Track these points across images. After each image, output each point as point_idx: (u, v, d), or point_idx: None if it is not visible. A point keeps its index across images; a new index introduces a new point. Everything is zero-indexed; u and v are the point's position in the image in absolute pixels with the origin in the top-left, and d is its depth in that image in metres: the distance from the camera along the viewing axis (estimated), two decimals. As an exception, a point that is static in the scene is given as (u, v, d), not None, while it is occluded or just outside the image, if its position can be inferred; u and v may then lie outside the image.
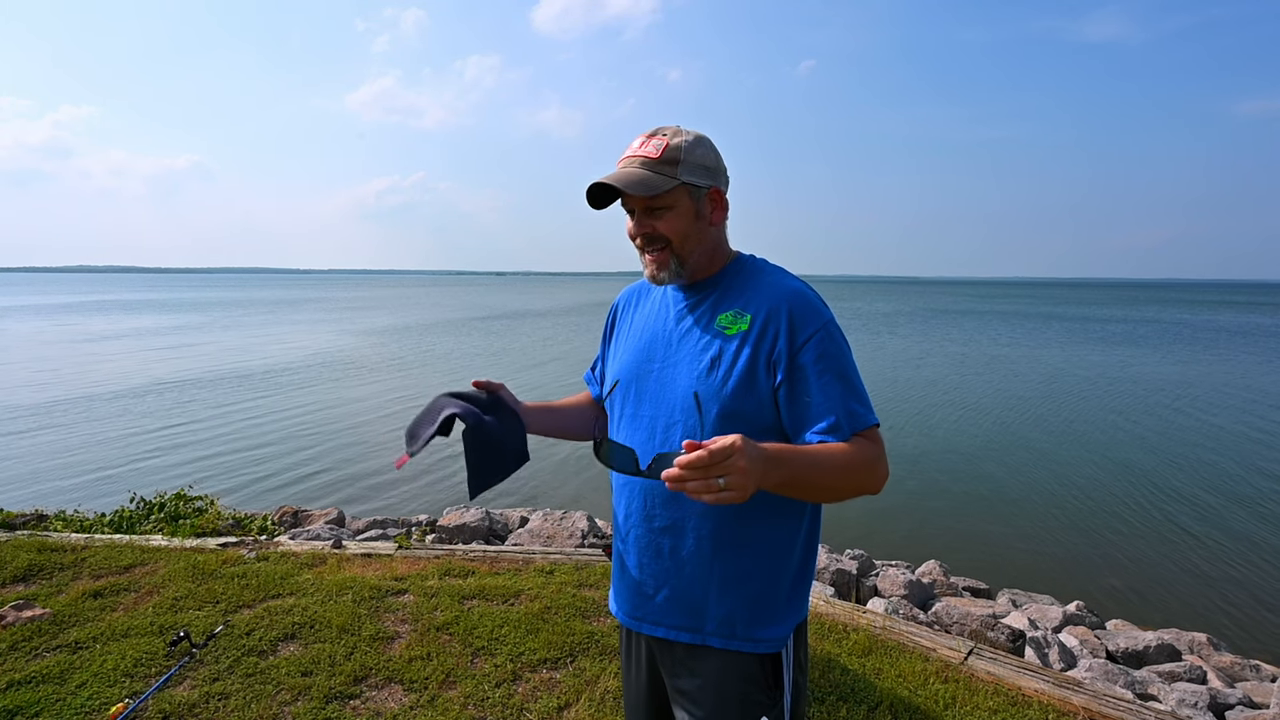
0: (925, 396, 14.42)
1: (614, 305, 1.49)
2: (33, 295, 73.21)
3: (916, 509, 7.76)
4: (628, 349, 1.36)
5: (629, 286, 1.49)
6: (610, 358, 1.44)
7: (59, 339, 26.22)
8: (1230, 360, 21.72)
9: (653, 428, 1.26)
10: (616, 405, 1.35)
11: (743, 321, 1.22)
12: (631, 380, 1.32)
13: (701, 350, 1.24)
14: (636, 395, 1.30)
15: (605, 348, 1.48)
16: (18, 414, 12.01)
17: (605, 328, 1.49)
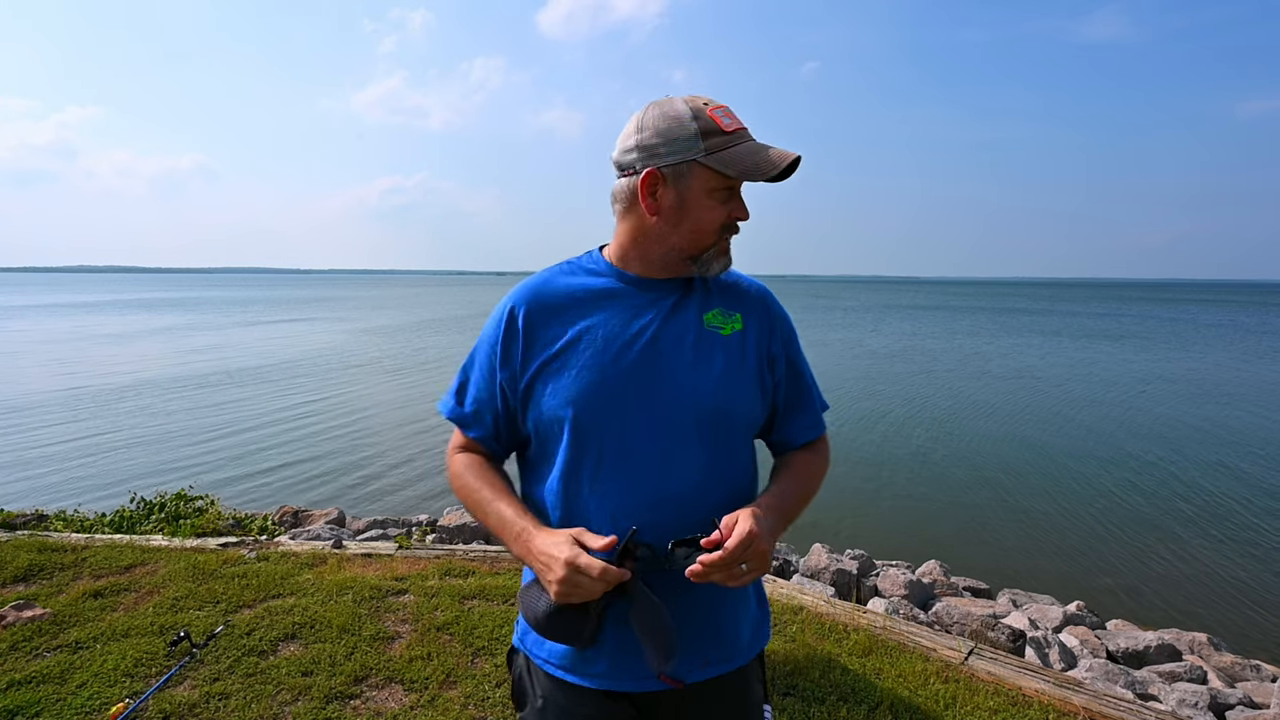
0: (925, 396, 14.42)
1: (510, 309, 1.08)
2: (34, 295, 73.22)
3: (917, 509, 7.76)
4: (590, 366, 1.04)
5: (526, 286, 1.10)
6: (539, 380, 1.06)
7: (61, 339, 26.22)
8: (1232, 358, 21.72)
9: (656, 463, 1.04)
10: (572, 446, 1.04)
11: (735, 321, 1.13)
12: (609, 408, 1.04)
13: (709, 356, 1.09)
14: (621, 429, 1.04)
15: (507, 367, 1.07)
16: (18, 414, 12.01)
17: (497, 339, 1.08)
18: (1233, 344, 27.45)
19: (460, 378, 1.15)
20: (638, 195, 1.04)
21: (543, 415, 1.06)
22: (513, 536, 1.02)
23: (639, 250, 1.09)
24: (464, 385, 1.15)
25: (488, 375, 1.11)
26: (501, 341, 1.08)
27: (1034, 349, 24.30)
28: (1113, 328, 35.33)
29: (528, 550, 0.99)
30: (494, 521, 1.06)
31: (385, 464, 9.26)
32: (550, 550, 0.95)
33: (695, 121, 1.01)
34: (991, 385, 15.96)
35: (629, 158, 1.04)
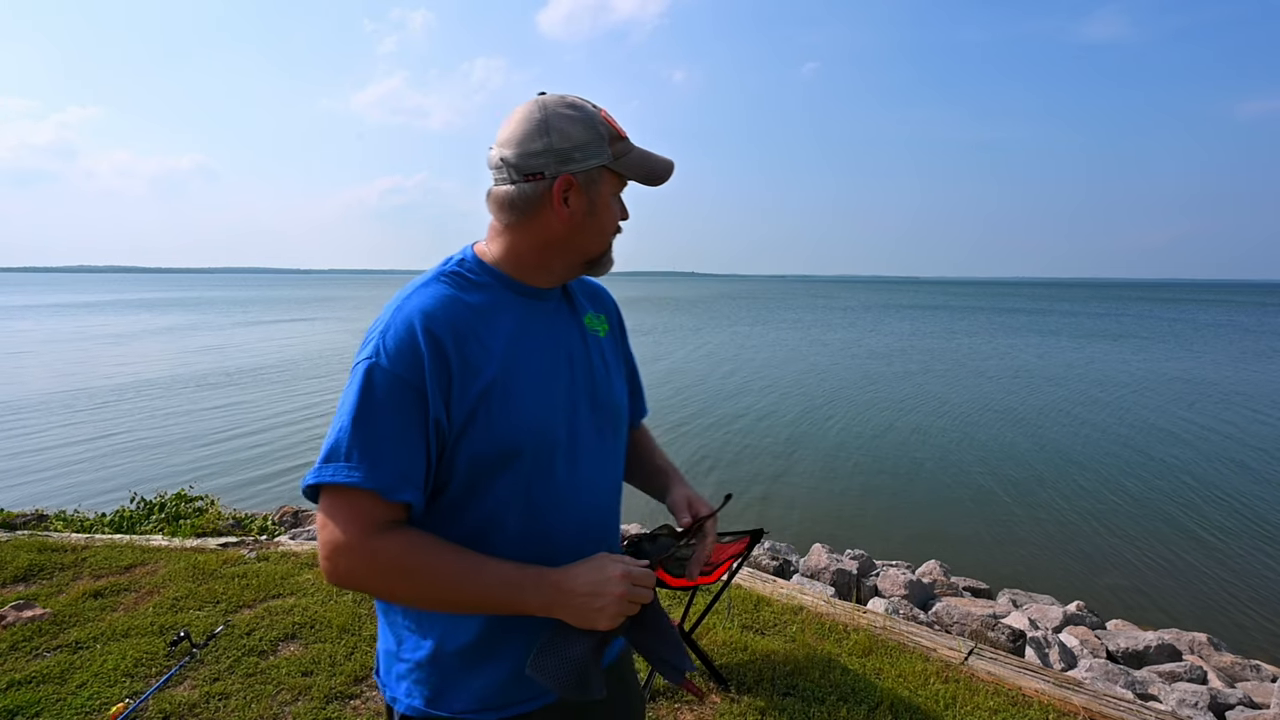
0: (925, 396, 14.42)
1: (431, 335, 0.92)
2: (35, 295, 73.20)
3: (917, 509, 7.76)
4: (533, 387, 1.00)
5: (428, 308, 0.95)
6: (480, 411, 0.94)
7: (62, 339, 26.23)
8: (1230, 358, 21.72)
9: (598, 473, 1.07)
10: (526, 472, 0.98)
11: (603, 323, 1.18)
12: (558, 428, 1.01)
13: (607, 362, 1.14)
14: (571, 445, 1.02)
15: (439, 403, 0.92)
16: (19, 414, 12.01)
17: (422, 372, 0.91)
18: (1231, 344, 27.46)
19: (355, 434, 0.88)
20: (547, 202, 0.98)
21: (488, 448, 0.95)
22: (532, 587, 0.92)
23: (540, 259, 1.03)
24: (370, 442, 0.88)
25: (412, 419, 0.90)
26: (430, 374, 0.91)
27: (1032, 349, 24.30)
28: (1112, 327, 35.34)
29: (560, 588, 0.91)
30: (492, 585, 0.91)
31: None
32: (593, 574, 0.92)
33: (602, 126, 1.00)
34: (991, 385, 15.96)
35: (535, 162, 0.97)
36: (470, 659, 0.99)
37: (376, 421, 0.89)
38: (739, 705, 2.57)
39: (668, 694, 2.64)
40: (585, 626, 0.92)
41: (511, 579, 0.92)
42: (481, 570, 0.91)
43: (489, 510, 0.98)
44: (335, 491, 0.89)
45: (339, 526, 0.88)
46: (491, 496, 0.97)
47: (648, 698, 2.60)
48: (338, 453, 0.88)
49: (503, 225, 1.02)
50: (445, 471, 0.95)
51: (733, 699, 2.61)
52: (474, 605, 0.92)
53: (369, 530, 0.88)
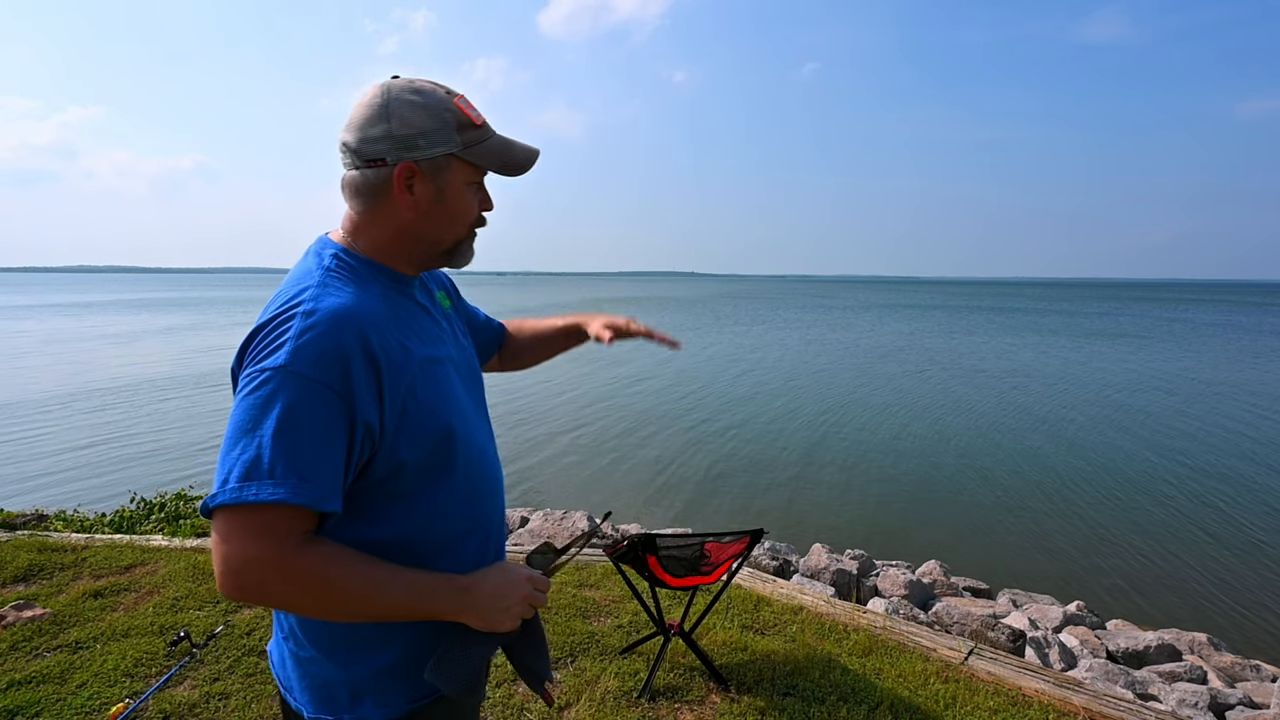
0: (924, 395, 14.43)
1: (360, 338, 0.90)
2: (36, 296, 73.19)
3: (917, 509, 7.76)
4: (445, 381, 1.03)
5: (344, 309, 0.91)
6: (409, 409, 0.95)
7: (63, 339, 26.22)
8: (1228, 358, 21.72)
9: (492, 460, 1.13)
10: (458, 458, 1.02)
11: (445, 298, 1.21)
12: (469, 421, 1.06)
13: (463, 333, 1.22)
14: (482, 440, 1.09)
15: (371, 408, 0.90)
16: (19, 414, 12.01)
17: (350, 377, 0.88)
18: (1229, 343, 27.48)
19: (279, 448, 0.83)
20: (390, 189, 0.97)
21: (425, 441, 0.97)
22: (444, 592, 0.95)
23: (398, 247, 1.02)
24: (296, 456, 0.84)
25: (338, 428, 0.87)
26: (358, 379, 0.88)
27: (1031, 348, 24.30)
28: (1111, 327, 35.35)
29: (469, 591, 0.96)
30: (406, 592, 0.92)
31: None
32: (501, 578, 0.99)
33: (449, 113, 0.98)
34: (990, 385, 15.96)
35: (376, 148, 0.95)
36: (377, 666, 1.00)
37: (301, 433, 0.84)
38: (739, 705, 2.57)
39: (668, 694, 2.64)
40: (489, 628, 0.97)
41: (424, 584, 0.94)
42: (396, 578, 0.91)
43: (437, 501, 1.00)
44: (251, 509, 0.83)
45: (253, 540, 0.83)
46: (437, 491, 0.99)
47: (648, 697, 2.60)
48: (259, 469, 0.83)
49: (355, 213, 1.01)
50: (386, 470, 0.94)
51: (733, 699, 2.61)
52: (385, 613, 0.92)
53: (288, 544, 0.85)
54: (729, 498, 8.08)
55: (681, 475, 8.90)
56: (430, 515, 1.00)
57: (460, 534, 1.04)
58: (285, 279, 0.98)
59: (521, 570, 1.02)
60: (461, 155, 0.99)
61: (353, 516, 0.94)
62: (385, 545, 0.95)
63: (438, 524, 1.01)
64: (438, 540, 1.01)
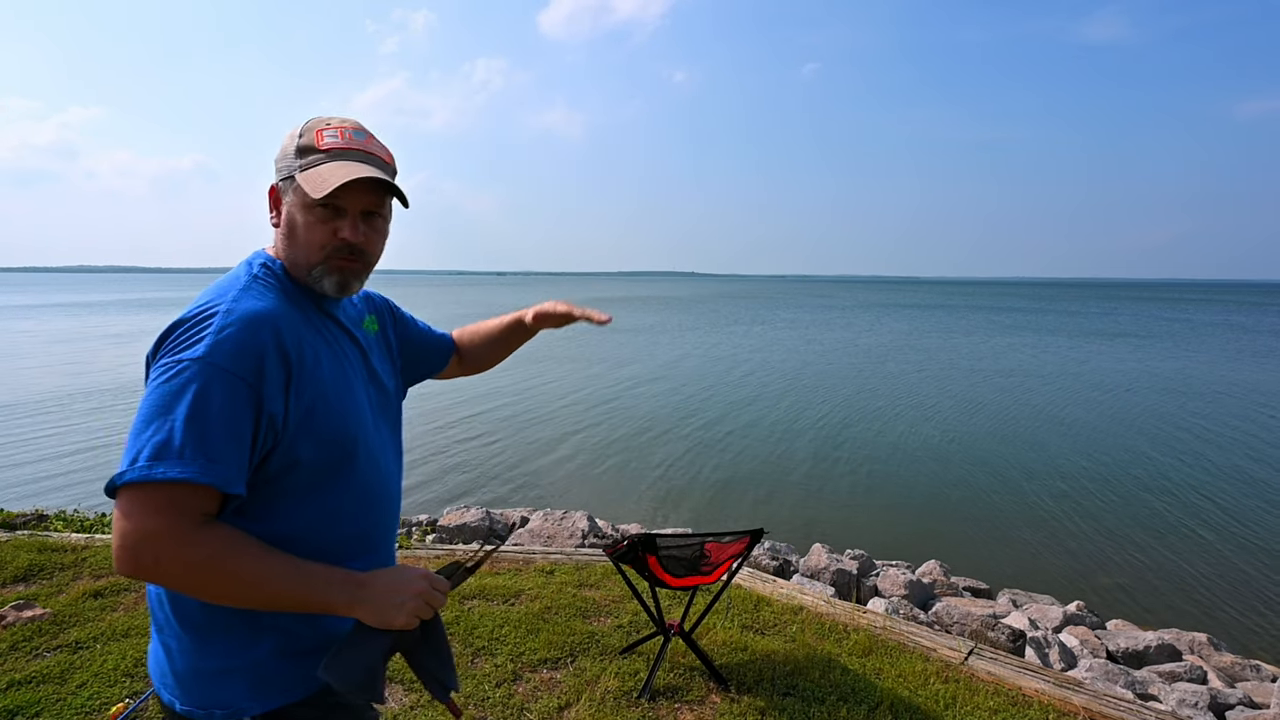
0: (924, 395, 14.43)
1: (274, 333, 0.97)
2: (38, 295, 73.21)
3: (917, 509, 7.76)
4: (349, 385, 1.08)
5: (263, 310, 0.98)
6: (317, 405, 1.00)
7: (64, 339, 26.22)
8: (1227, 357, 21.73)
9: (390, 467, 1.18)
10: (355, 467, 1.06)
11: (374, 322, 1.27)
12: (377, 439, 1.13)
13: (390, 357, 1.28)
14: (379, 442, 1.14)
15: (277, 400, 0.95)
16: (19, 413, 12.01)
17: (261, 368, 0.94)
18: (1229, 343, 27.50)
19: (191, 431, 0.88)
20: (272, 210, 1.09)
21: (327, 443, 1.02)
22: (339, 584, 0.97)
23: (288, 261, 1.09)
24: (206, 438, 0.89)
25: (246, 416, 0.92)
26: (269, 374, 0.94)
27: (1030, 348, 24.30)
28: (1110, 326, 35.35)
29: (365, 585, 0.98)
30: (304, 581, 0.94)
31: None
32: (396, 575, 1.00)
33: (300, 138, 1.05)
34: (989, 385, 15.96)
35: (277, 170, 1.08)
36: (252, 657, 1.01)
37: (211, 419, 0.90)
38: (739, 705, 2.57)
39: (668, 694, 2.64)
40: (383, 624, 0.97)
41: (319, 575, 0.96)
42: (292, 566, 0.94)
43: (325, 506, 1.03)
44: (155, 485, 0.87)
45: (154, 516, 0.87)
46: (329, 493, 1.03)
47: (648, 697, 2.60)
48: (169, 449, 0.88)
49: None
50: (281, 465, 0.98)
51: (733, 699, 2.61)
52: (277, 600, 0.94)
53: (190, 522, 0.89)
54: (729, 498, 8.08)
55: (681, 475, 8.90)
56: (319, 518, 1.03)
57: (347, 544, 1.07)
58: (212, 283, 1.05)
59: (420, 570, 1.03)
60: (298, 177, 1.04)
61: (243, 513, 0.98)
62: (273, 543, 0.97)
63: (326, 529, 1.04)
64: (324, 546, 1.03)
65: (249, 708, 1.00)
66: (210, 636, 1.00)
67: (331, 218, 1.05)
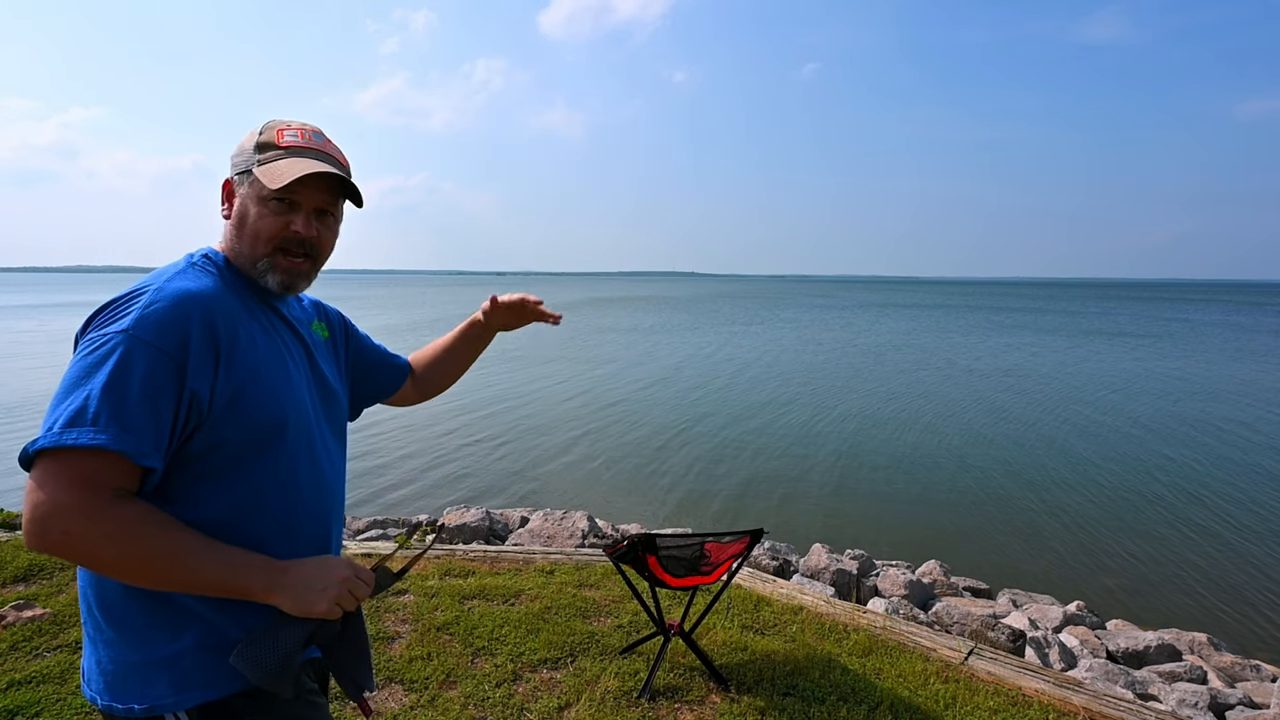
0: (923, 395, 14.42)
1: (203, 312, 0.97)
2: (39, 295, 73.20)
3: (916, 509, 7.76)
4: (289, 377, 1.09)
5: (195, 291, 0.99)
6: (247, 387, 1.00)
7: (65, 339, 26.22)
8: (1225, 357, 21.73)
9: (333, 464, 1.19)
10: (284, 454, 1.05)
11: (324, 330, 1.28)
12: (310, 417, 1.12)
13: (338, 365, 1.30)
14: (319, 432, 1.14)
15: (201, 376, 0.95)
16: (19, 413, 12.01)
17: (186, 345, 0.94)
18: (1227, 343, 27.52)
19: (107, 400, 0.87)
20: (222, 203, 1.12)
21: (254, 426, 1.01)
22: (259, 569, 0.96)
23: (233, 255, 1.11)
24: (122, 408, 0.88)
25: (167, 391, 0.91)
26: (195, 351, 0.94)
27: (1028, 347, 24.30)
28: (1109, 326, 35.35)
29: (286, 572, 0.97)
30: (221, 563, 0.93)
31: (385, 463, 9.26)
32: (320, 563, 1.01)
33: (260, 135, 1.09)
34: (988, 384, 15.97)
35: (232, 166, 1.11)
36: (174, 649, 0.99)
37: (130, 389, 0.89)
38: (739, 705, 2.57)
39: (668, 694, 2.64)
40: (302, 612, 0.96)
41: (237, 558, 0.95)
42: (209, 547, 0.94)
43: (251, 492, 1.02)
44: (68, 455, 0.86)
45: (65, 487, 0.86)
46: (255, 477, 1.02)
47: (648, 697, 2.60)
48: (83, 417, 0.87)
49: None
50: (205, 445, 0.97)
51: (733, 699, 2.61)
52: (193, 581, 0.93)
53: (100, 494, 0.87)
54: (729, 498, 8.08)
55: (681, 476, 8.90)
56: (243, 504, 1.01)
57: (273, 536, 1.04)
58: None
59: (345, 559, 1.03)
60: (255, 170, 1.07)
61: (164, 496, 0.97)
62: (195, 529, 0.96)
63: (249, 517, 1.02)
64: (248, 536, 1.00)
65: (171, 703, 0.98)
66: (131, 628, 0.98)
67: (285, 211, 1.07)
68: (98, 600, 1.00)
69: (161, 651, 0.98)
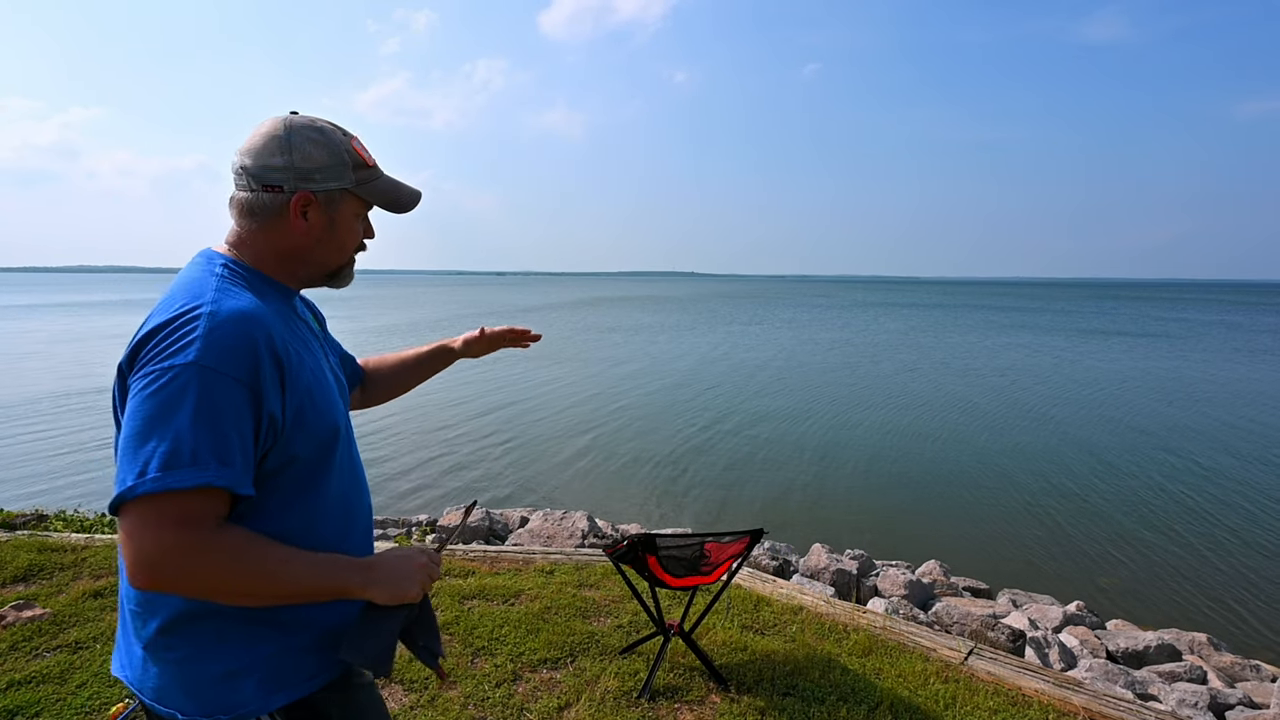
0: (923, 395, 14.43)
1: (266, 335, 0.96)
2: (40, 295, 73.20)
3: (917, 509, 7.76)
4: (329, 382, 1.12)
5: (244, 310, 0.96)
6: (305, 405, 1.02)
7: (66, 339, 26.22)
8: (1224, 356, 21.73)
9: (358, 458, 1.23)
10: (338, 458, 1.10)
11: (316, 321, 1.29)
12: (345, 421, 1.17)
13: (330, 356, 1.29)
14: (351, 437, 1.19)
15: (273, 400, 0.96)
16: (19, 413, 12.01)
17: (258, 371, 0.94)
18: (1226, 342, 27.54)
19: (198, 436, 0.87)
20: (286, 213, 1.07)
21: (317, 437, 1.04)
22: (350, 570, 1.02)
23: (284, 266, 1.11)
24: (215, 442, 0.88)
25: (247, 417, 0.92)
26: (265, 374, 0.94)
27: (1027, 347, 24.30)
28: (1108, 325, 35.35)
29: (375, 567, 1.04)
30: (316, 571, 0.98)
31: (385, 463, 9.26)
32: (398, 553, 1.08)
33: (347, 154, 1.09)
34: (988, 384, 15.97)
35: (274, 175, 1.04)
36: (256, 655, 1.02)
37: (217, 423, 0.89)
38: (739, 705, 2.57)
39: (668, 694, 2.64)
40: (396, 599, 1.04)
41: (330, 563, 1.01)
42: (304, 557, 0.98)
43: (316, 500, 1.06)
44: (170, 496, 0.86)
45: (173, 529, 0.86)
46: (319, 486, 1.06)
47: (648, 697, 2.60)
48: (179, 457, 0.86)
49: (244, 230, 1.08)
50: (279, 462, 1.00)
51: (733, 699, 2.61)
52: (296, 592, 0.97)
53: (207, 528, 0.89)
54: (728, 498, 8.08)
55: (681, 475, 8.90)
56: (307, 513, 1.05)
57: (334, 538, 1.09)
58: (173, 286, 1.02)
59: (416, 547, 1.12)
60: (354, 191, 1.10)
61: (236, 515, 0.98)
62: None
63: (312, 524, 1.06)
64: (311, 541, 1.04)
65: (258, 707, 1.01)
66: (206, 642, 0.99)
67: (363, 223, 1.16)
68: (167, 619, 1.00)
69: (242, 659, 1.00)
